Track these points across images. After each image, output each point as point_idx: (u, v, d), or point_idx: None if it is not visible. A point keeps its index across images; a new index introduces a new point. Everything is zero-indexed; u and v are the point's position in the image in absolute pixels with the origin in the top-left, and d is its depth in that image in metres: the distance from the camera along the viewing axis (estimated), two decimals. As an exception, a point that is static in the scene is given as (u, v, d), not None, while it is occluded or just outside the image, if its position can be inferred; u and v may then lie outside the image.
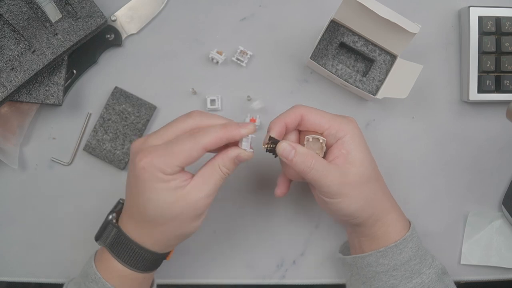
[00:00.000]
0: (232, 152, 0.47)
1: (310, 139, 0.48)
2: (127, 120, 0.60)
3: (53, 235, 0.61)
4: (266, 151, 0.49)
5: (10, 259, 0.61)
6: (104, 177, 0.61)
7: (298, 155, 0.47)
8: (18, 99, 0.56)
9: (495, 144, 0.62)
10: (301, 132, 0.51)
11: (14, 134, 0.59)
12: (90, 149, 0.60)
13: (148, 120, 0.60)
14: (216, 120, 0.47)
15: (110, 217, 0.50)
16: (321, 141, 0.48)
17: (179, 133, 0.47)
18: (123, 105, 0.60)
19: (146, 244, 0.48)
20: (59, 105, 0.57)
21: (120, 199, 0.53)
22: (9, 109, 0.59)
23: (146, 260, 0.49)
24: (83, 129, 0.61)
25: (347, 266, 0.55)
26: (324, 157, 0.49)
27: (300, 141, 0.50)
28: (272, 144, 0.48)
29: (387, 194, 0.52)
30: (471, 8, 0.59)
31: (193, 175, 0.47)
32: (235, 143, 0.47)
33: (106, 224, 0.50)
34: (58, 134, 0.61)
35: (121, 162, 0.60)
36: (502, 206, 0.62)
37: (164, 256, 0.51)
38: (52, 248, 0.61)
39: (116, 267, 0.49)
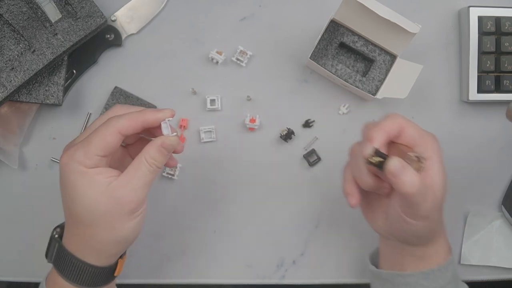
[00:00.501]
0: (156, 140, 0.45)
1: (413, 158, 0.44)
2: (127, 120, 0.60)
3: (53, 235, 0.61)
4: (369, 164, 0.44)
5: (10, 259, 0.61)
6: (104, 177, 0.61)
7: (409, 175, 0.43)
8: (18, 99, 0.56)
9: (495, 144, 0.62)
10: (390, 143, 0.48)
11: (14, 134, 0.59)
12: (90, 149, 0.60)
13: (148, 120, 0.60)
14: (136, 109, 0.46)
15: (54, 232, 0.48)
16: (422, 163, 0.44)
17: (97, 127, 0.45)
18: (123, 105, 0.60)
19: (85, 256, 0.45)
20: (59, 105, 0.57)
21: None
22: (9, 109, 0.59)
23: (89, 275, 0.46)
24: (83, 129, 0.61)
25: (380, 280, 0.52)
26: None
27: (389, 153, 0.46)
28: (379, 158, 0.43)
29: (442, 217, 0.51)
30: (471, 8, 0.59)
31: (115, 173, 0.45)
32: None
33: (50, 240, 0.48)
34: (58, 134, 0.61)
35: (121, 162, 0.60)
36: (502, 206, 0.62)
37: (110, 270, 0.48)
38: (52, 248, 0.61)
39: (63, 285, 0.46)
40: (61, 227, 0.49)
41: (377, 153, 0.43)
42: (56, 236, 0.48)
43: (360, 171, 0.46)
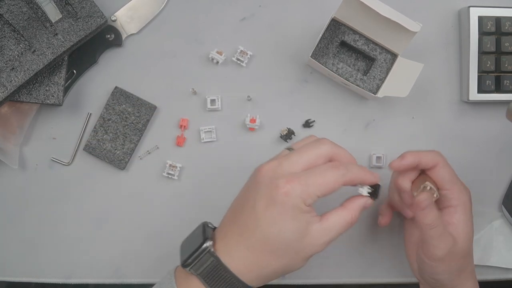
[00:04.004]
0: (361, 200, 0.47)
1: (428, 188, 0.49)
2: (127, 120, 0.60)
3: (53, 235, 0.61)
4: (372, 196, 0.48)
5: (10, 259, 0.61)
6: (104, 177, 0.61)
7: (434, 212, 0.47)
8: (18, 99, 0.56)
9: (495, 144, 0.62)
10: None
11: (14, 134, 0.59)
12: (90, 149, 0.60)
13: (148, 120, 0.60)
14: (347, 153, 0.47)
15: (207, 244, 0.45)
16: (435, 195, 0.49)
17: (314, 161, 0.45)
18: (123, 105, 0.60)
19: (245, 276, 0.44)
20: (59, 105, 0.57)
21: (207, 222, 0.50)
22: (9, 109, 0.59)
23: None
24: (83, 129, 0.61)
25: None
26: None
27: (414, 181, 0.51)
28: (373, 190, 0.48)
29: (471, 267, 0.53)
30: (471, 8, 0.59)
31: (316, 214, 0.45)
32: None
33: (201, 252, 0.45)
34: (58, 134, 0.61)
35: (121, 162, 0.60)
36: (502, 206, 0.62)
37: None
38: (52, 248, 0.61)
39: None
40: (210, 238, 0.46)
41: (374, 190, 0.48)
42: (212, 250, 0.45)
43: (394, 193, 0.54)
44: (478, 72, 0.60)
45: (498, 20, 0.59)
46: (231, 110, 0.61)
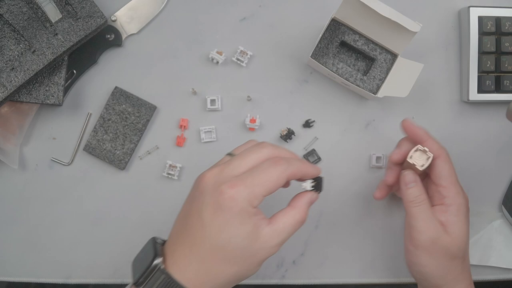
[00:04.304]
0: (307, 196, 0.46)
1: (422, 149, 0.49)
2: (127, 120, 0.60)
3: (53, 235, 0.61)
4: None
5: (10, 259, 0.61)
6: (104, 177, 0.61)
7: (417, 188, 0.48)
8: (18, 99, 0.56)
9: (495, 144, 0.62)
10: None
11: (14, 134, 0.59)
12: (90, 149, 0.60)
13: (148, 120, 0.60)
14: (287, 152, 0.46)
15: (157, 262, 0.43)
16: (429, 157, 0.49)
17: (256, 163, 0.44)
18: (123, 105, 0.60)
19: None
20: (59, 105, 0.57)
21: (156, 238, 0.48)
22: (9, 109, 0.59)
23: None
24: (83, 129, 0.61)
25: None
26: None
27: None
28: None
29: (466, 274, 0.52)
30: (471, 8, 0.59)
31: (264, 216, 0.44)
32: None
33: (152, 270, 0.43)
34: (58, 134, 0.61)
35: (121, 162, 0.60)
36: (502, 206, 0.62)
37: None
38: (52, 248, 0.61)
39: None
40: (160, 255, 0.44)
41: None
42: (163, 267, 0.43)
43: (393, 171, 0.54)
44: (478, 72, 0.60)
45: (498, 20, 0.59)
46: (231, 110, 0.61)
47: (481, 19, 0.59)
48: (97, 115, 0.61)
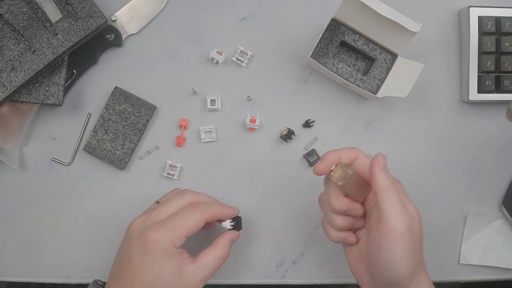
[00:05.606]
0: (227, 236, 0.52)
1: (343, 164, 0.48)
2: (127, 120, 0.60)
3: (53, 235, 0.61)
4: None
5: (10, 259, 0.61)
6: (104, 177, 0.61)
7: (388, 173, 0.46)
8: (18, 99, 0.56)
9: (495, 144, 0.62)
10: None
11: (14, 134, 0.59)
12: (90, 149, 0.60)
13: (148, 120, 0.60)
14: (207, 197, 0.54)
15: None
16: (349, 170, 0.47)
17: (177, 208, 0.50)
18: (123, 105, 0.60)
19: None
20: (59, 105, 0.57)
21: (98, 280, 0.55)
22: (9, 109, 0.59)
23: None
24: (83, 129, 0.61)
25: None
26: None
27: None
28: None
29: (423, 263, 0.49)
30: (471, 8, 0.59)
31: (190, 255, 0.50)
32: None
33: None
34: (58, 134, 0.61)
35: (121, 162, 0.60)
36: (502, 206, 0.62)
37: None
38: (52, 248, 0.61)
39: None
40: None
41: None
42: None
43: (331, 216, 0.50)
44: (478, 72, 0.60)
45: (498, 20, 0.59)
46: (231, 110, 0.61)
47: (481, 19, 0.59)
48: (97, 115, 0.61)
